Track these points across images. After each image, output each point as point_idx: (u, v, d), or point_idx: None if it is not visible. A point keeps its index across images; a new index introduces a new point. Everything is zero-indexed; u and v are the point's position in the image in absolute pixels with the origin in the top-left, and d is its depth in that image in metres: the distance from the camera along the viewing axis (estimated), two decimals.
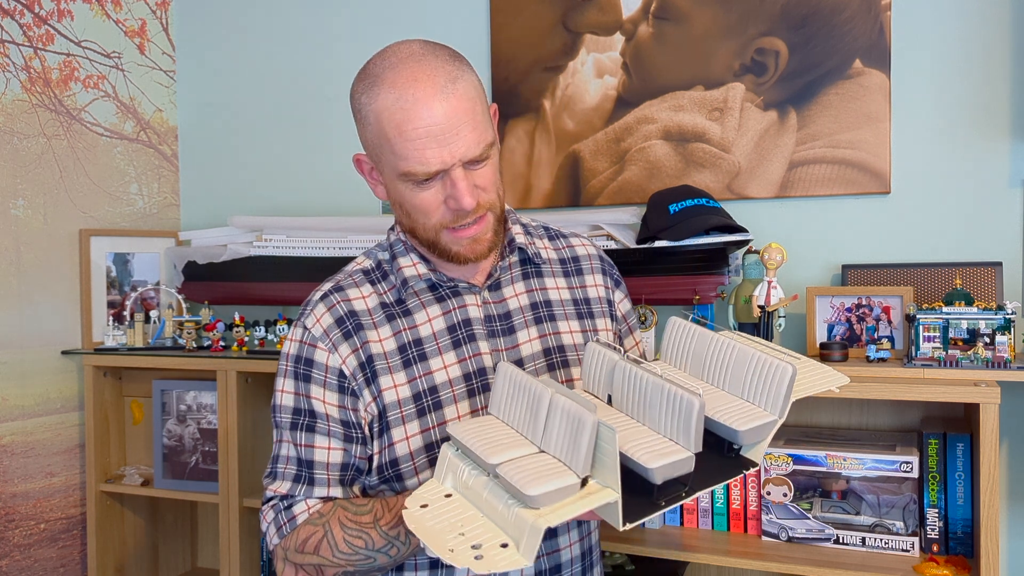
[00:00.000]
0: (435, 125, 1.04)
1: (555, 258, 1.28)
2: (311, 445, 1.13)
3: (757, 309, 1.64)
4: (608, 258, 1.34)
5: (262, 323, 2.14)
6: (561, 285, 1.26)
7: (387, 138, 1.07)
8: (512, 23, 2.13)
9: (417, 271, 1.18)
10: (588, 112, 2.08)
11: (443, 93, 1.05)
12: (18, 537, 2.12)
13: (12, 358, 2.12)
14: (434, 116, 1.04)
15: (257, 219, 2.20)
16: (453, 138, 1.05)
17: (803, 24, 1.89)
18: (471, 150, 1.06)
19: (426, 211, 1.10)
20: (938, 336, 1.58)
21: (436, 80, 1.05)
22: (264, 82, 2.48)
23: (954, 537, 1.60)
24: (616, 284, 1.32)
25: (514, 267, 1.23)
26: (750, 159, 1.94)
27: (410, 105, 1.04)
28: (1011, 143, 1.76)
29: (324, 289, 1.19)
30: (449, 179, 1.07)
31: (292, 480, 1.14)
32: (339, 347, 1.13)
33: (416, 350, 1.15)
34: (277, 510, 1.14)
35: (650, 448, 0.91)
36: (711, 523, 1.76)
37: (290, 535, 1.12)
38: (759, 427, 0.95)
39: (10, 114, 2.12)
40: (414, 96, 1.04)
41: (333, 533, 1.09)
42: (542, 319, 1.21)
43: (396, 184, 1.11)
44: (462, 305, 1.18)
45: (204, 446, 2.16)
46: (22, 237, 2.14)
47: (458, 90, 1.06)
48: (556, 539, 1.18)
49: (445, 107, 1.04)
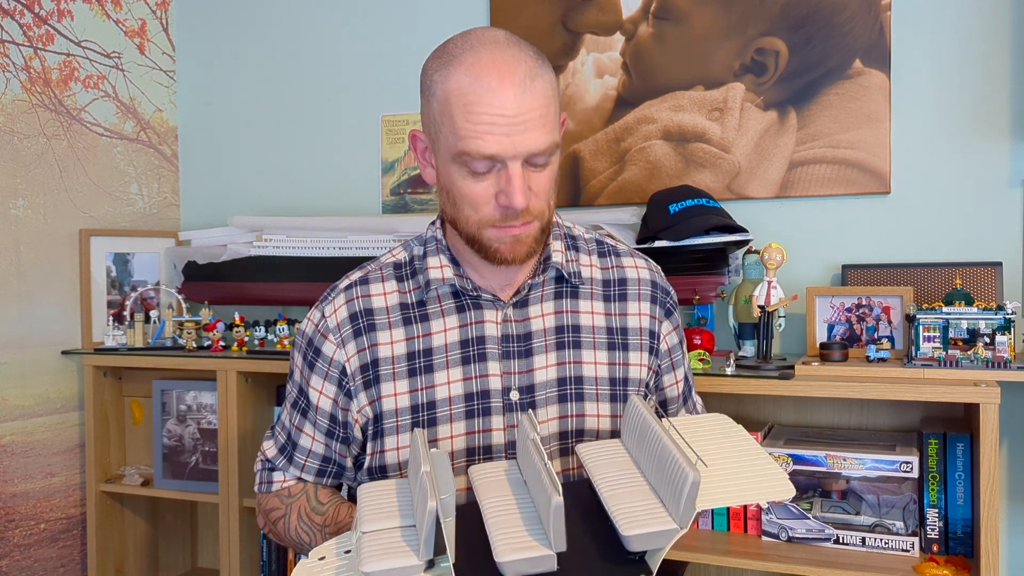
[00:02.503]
0: (504, 114, 1.01)
1: (599, 279, 1.20)
2: (300, 429, 1.20)
3: (757, 309, 1.64)
4: (665, 284, 1.25)
5: (262, 323, 2.14)
6: (598, 310, 1.18)
7: (451, 116, 1.03)
8: (512, 23, 2.13)
9: (443, 274, 1.14)
10: (588, 112, 2.08)
11: (520, 87, 1.01)
12: (18, 537, 2.12)
13: (12, 358, 2.12)
14: (505, 105, 1.01)
15: (257, 219, 2.20)
16: (519, 132, 1.01)
17: (803, 24, 1.89)
18: (535, 145, 1.02)
19: (475, 203, 1.06)
20: (938, 336, 1.58)
21: (516, 72, 1.02)
22: (264, 82, 2.48)
23: (954, 537, 1.60)
24: (667, 315, 1.23)
25: (547, 284, 1.17)
26: (750, 159, 1.94)
27: (484, 89, 1.01)
28: (1011, 143, 1.76)
29: (352, 279, 1.18)
30: (506, 173, 1.03)
31: (279, 450, 1.23)
32: (347, 344, 1.14)
33: (424, 360, 1.13)
34: (263, 467, 1.25)
35: (509, 542, 0.87)
36: (711, 523, 1.76)
37: (264, 495, 1.24)
38: (652, 534, 0.85)
39: (10, 114, 2.12)
40: (489, 82, 1.01)
41: (290, 519, 1.19)
42: (565, 345, 1.15)
43: (449, 168, 1.06)
44: (480, 320, 1.14)
45: (204, 446, 2.16)
46: (22, 237, 2.14)
47: (535, 87, 1.03)
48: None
49: (519, 100, 1.01)
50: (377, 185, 2.34)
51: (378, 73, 2.33)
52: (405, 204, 2.31)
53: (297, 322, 2.09)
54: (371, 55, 2.34)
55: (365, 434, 1.15)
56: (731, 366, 1.64)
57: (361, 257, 2.03)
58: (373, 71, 2.34)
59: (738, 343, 1.84)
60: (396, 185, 2.32)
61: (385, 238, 2.05)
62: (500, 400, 1.12)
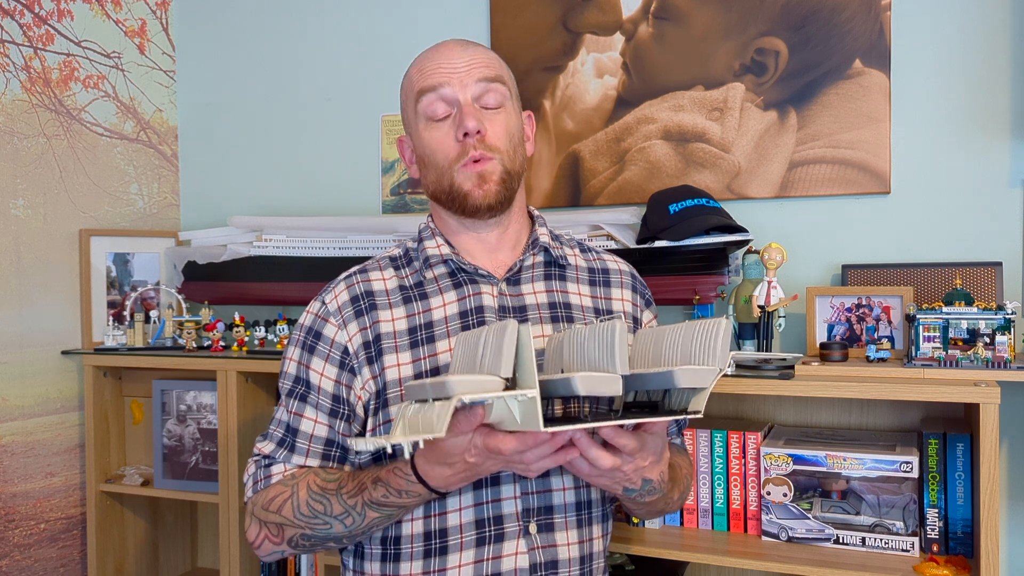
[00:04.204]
0: (451, 61, 1.17)
1: (583, 266, 1.29)
2: (300, 415, 1.19)
3: (757, 309, 1.64)
4: (642, 279, 1.35)
5: (262, 323, 2.14)
6: (584, 292, 1.26)
7: (411, 82, 1.20)
8: (512, 23, 2.13)
9: (440, 252, 1.21)
10: (588, 112, 2.08)
11: (464, 46, 1.19)
12: (18, 537, 2.12)
13: (12, 358, 2.12)
14: (451, 57, 1.18)
15: (257, 219, 2.20)
16: (465, 71, 1.17)
17: (803, 24, 1.89)
18: (479, 75, 1.16)
19: (439, 148, 1.17)
20: (938, 336, 1.58)
21: (463, 42, 1.21)
22: (264, 82, 2.48)
23: (954, 537, 1.60)
24: (647, 304, 1.32)
25: (537, 267, 1.25)
26: (750, 159, 1.94)
27: (432, 52, 1.20)
28: (1011, 143, 1.76)
29: (350, 271, 1.25)
30: (459, 110, 1.16)
31: (277, 443, 1.21)
32: (349, 324, 1.17)
33: (426, 332, 1.17)
34: (258, 466, 1.22)
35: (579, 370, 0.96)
36: (711, 523, 1.76)
37: (261, 492, 1.19)
38: (697, 371, 0.95)
39: (10, 114, 2.12)
40: (437, 47, 1.20)
41: (298, 495, 1.15)
42: (559, 319, 1.21)
43: (417, 129, 1.20)
44: (477, 293, 1.20)
45: (204, 446, 2.16)
46: (22, 237, 2.14)
47: (479, 48, 1.20)
48: (552, 534, 1.16)
49: (464, 53, 1.18)
50: (377, 185, 2.34)
51: (378, 73, 2.33)
52: (405, 204, 2.31)
53: None
54: (371, 55, 2.34)
55: (367, 410, 1.17)
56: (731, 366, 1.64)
57: (361, 257, 2.03)
58: (373, 71, 2.34)
59: (738, 343, 1.84)
60: (396, 185, 2.32)
61: (385, 238, 2.05)
62: None
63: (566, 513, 1.18)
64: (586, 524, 1.21)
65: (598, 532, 1.23)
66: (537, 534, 1.15)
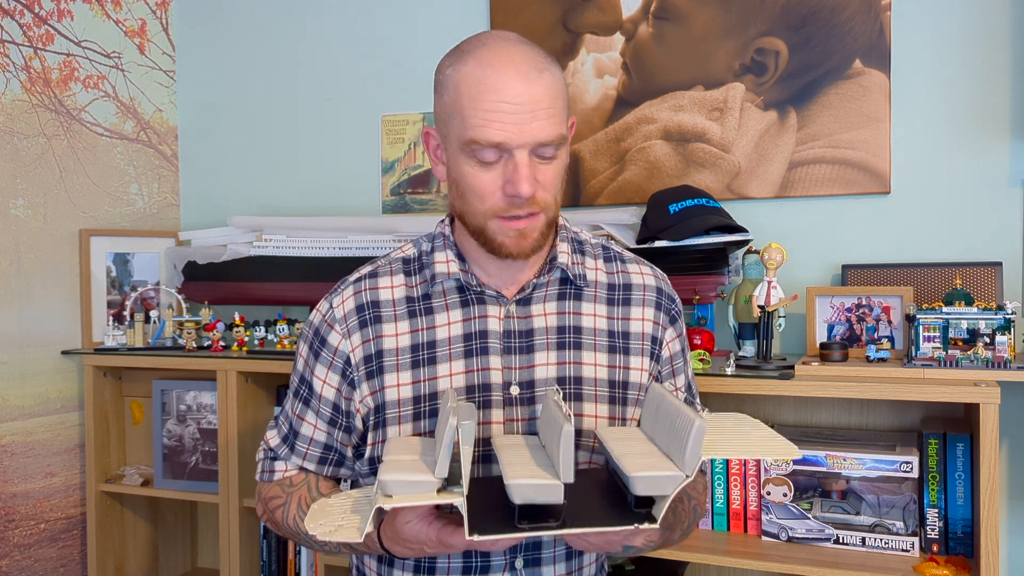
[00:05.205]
0: (511, 102, 1.03)
1: (603, 282, 1.21)
2: (302, 418, 1.21)
3: (757, 309, 1.64)
4: (671, 291, 1.25)
5: (262, 323, 2.14)
6: (600, 312, 1.18)
7: (460, 106, 1.05)
8: (512, 23, 2.13)
9: (448, 269, 1.16)
10: (588, 112, 2.08)
11: (527, 78, 1.04)
12: (18, 537, 2.12)
13: (12, 358, 2.12)
14: (513, 94, 1.03)
15: (257, 219, 2.20)
16: (527, 121, 1.03)
17: (803, 24, 1.89)
18: (542, 135, 1.04)
19: (481, 194, 1.07)
20: (938, 336, 1.58)
21: (524, 64, 1.05)
22: (264, 82, 2.48)
23: (954, 537, 1.60)
24: (671, 322, 1.23)
25: (551, 285, 1.18)
26: (750, 159, 1.94)
27: (492, 79, 1.04)
28: (1011, 143, 1.76)
29: (363, 272, 1.20)
30: (512, 162, 1.05)
31: (281, 439, 1.24)
32: (352, 335, 1.16)
33: (428, 352, 1.14)
34: (266, 455, 1.26)
35: (523, 472, 0.91)
36: (711, 523, 1.76)
37: (266, 484, 1.25)
38: (656, 477, 0.88)
39: (10, 114, 2.12)
40: (497, 72, 1.04)
41: (289, 508, 1.20)
42: (566, 345, 1.16)
43: (458, 159, 1.08)
44: (483, 315, 1.15)
45: (204, 446, 2.16)
46: (22, 237, 2.14)
47: (543, 79, 1.05)
48: (539, 568, 1.15)
49: (526, 90, 1.03)
50: (377, 185, 2.34)
51: (378, 73, 2.33)
52: (405, 204, 2.31)
53: (297, 322, 2.09)
54: (371, 55, 2.34)
55: (366, 424, 1.16)
56: (731, 366, 1.64)
57: (361, 257, 2.03)
58: (373, 71, 2.34)
59: (738, 343, 1.84)
60: (396, 185, 2.32)
61: (385, 238, 2.05)
62: (500, 394, 1.13)
63: (555, 547, 1.16)
64: (576, 555, 1.18)
65: (589, 559, 1.20)
66: (523, 568, 1.14)
